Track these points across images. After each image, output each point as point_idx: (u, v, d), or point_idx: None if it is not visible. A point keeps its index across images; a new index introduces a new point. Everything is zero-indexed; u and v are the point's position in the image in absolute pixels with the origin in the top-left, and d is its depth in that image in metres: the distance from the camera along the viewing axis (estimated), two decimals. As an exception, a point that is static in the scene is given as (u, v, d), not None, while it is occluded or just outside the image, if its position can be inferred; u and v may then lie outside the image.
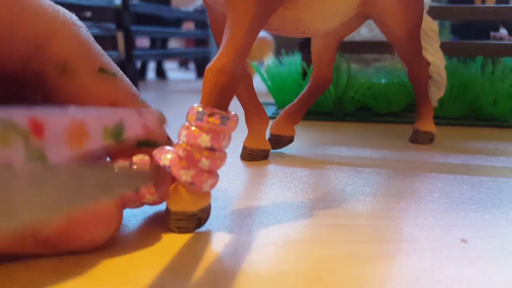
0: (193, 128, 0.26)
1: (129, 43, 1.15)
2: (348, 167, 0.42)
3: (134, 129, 0.24)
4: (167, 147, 0.26)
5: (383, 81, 0.70)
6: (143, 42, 2.03)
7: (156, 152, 0.26)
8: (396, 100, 0.70)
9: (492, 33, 0.75)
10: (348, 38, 0.81)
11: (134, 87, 0.28)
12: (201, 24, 1.58)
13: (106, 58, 0.27)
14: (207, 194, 0.27)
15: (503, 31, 0.77)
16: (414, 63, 0.50)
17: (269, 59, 0.96)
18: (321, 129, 0.62)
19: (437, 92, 0.56)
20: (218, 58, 0.28)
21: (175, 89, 1.21)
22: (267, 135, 0.48)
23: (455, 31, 0.80)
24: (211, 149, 0.26)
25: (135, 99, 0.28)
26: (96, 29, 0.94)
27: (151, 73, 1.78)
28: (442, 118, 0.68)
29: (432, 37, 0.54)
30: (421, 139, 0.52)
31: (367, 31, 0.80)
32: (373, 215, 0.30)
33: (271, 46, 1.20)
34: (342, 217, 0.29)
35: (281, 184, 0.37)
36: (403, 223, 0.28)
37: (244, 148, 0.45)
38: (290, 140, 0.48)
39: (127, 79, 0.28)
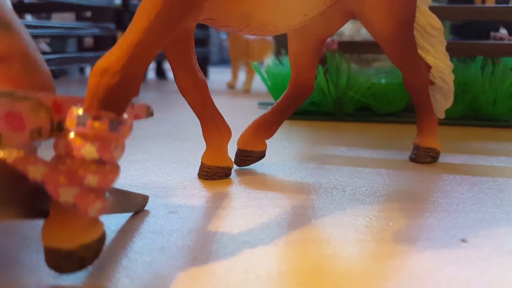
0: (72, 135, 0.20)
1: (129, 43, 1.15)
2: (348, 167, 0.42)
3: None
4: (39, 157, 0.20)
5: (383, 81, 0.70)
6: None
7: (17, 158, 0.19)
8: (396, 100, 0.70)
9: (492, 33, 0.75)
10: (348, 38, 0.81)
11: (34, 49, 0.23)
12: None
13: (4, 9, 0.23)
14: (96, 224, 0.21)
15: (503, 31, 0.77)
16: (408, 66, 0.42)
17: (269, 59, 0.96)
18: (321, 129, 0.62)
19: (443, 101, 0.47)
20: (105, 56, 0.22)
21: (175, 89, 1.21)
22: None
23: (455, 31, 0.80)
24: (99, 162, 0.20)
25: (27, 60, 0.23)
26: (96, 29, 0.95)
27: (151, 73, 1.78)
28: (442, 118, 0.68)
29: (434, 36, 0.46)
30: (421, 157, 0.44)
31: (367, 31, 0.80)
32: (373, 215, 0.30)
33: (271, 46, 1.20)
34: (342, 217, 0.29)
35: (281, 185, 0.37)
36: (403, 223, 0.28)
37: (201, 164, 0.38)
38: (259, 156, 0.42)
39: (29, 37, 0.23)
